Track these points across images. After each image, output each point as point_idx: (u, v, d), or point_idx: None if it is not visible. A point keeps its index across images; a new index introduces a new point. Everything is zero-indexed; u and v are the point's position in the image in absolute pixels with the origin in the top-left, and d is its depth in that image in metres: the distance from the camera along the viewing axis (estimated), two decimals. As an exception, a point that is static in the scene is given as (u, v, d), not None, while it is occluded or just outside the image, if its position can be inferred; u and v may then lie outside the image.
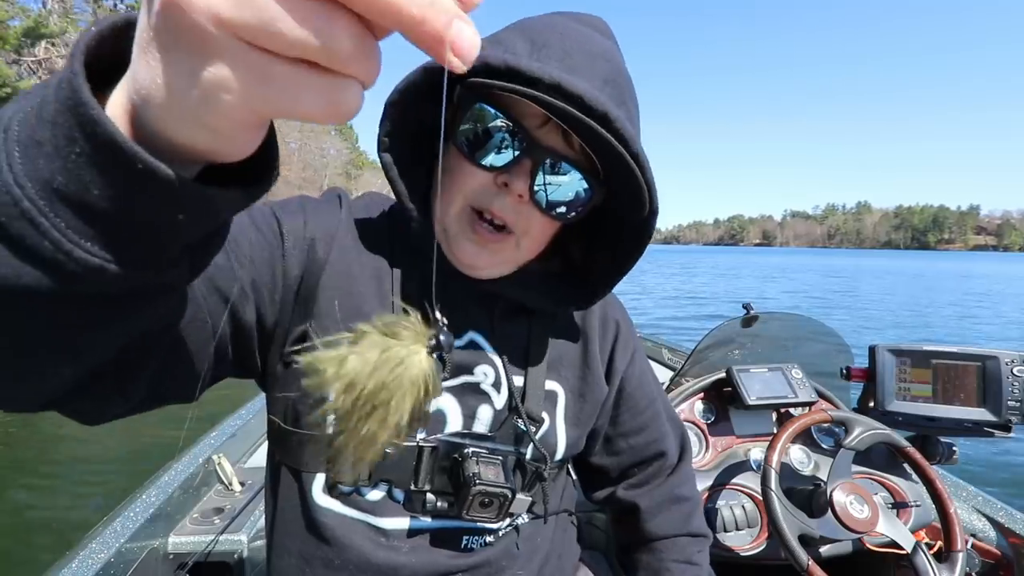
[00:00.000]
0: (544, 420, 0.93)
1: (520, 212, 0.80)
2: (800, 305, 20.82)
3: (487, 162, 0.77)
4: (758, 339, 1.94)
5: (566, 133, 0.76)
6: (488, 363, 0.91)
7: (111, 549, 1.37)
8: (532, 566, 0.97)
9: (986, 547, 1.64)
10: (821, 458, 1.60)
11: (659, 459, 1.13)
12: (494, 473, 0.84)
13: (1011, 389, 1.53)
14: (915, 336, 14.27)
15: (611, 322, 1.07)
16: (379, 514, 0.85)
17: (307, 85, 0.29)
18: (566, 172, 0.79)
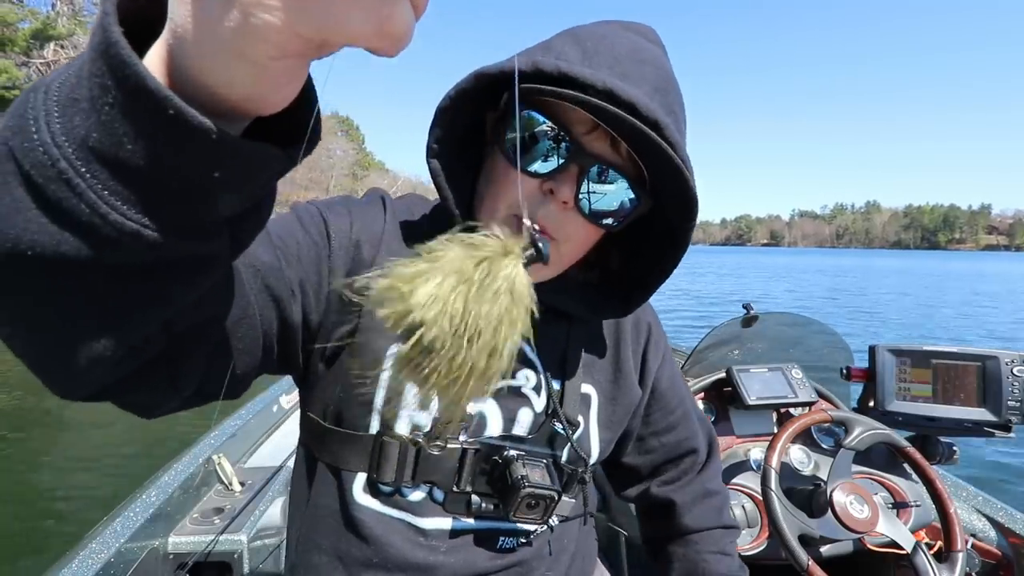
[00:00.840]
0: (580, 423, 0.94)
1: (564, 219, 0.78)
2: (807, 305, 20.77)
3: (533, 168, 0.76)
4: (758, 339, 1.94)
5: (614, 141, 0.76)
6: (530, 367, 0.91)
7: (111, 549, 1.38)
8: (560, 567, 0.98)
9: (986, 547, 1.64)
10: (821, 458, 1.60)
11: (690, 456, 1.15)
12: (540, 475, 0.84)
13: (1011, 389, 1.53)
14: (925, 337, 14.20)
15: (643, 325, 1.07)
16: (419, 514, 0.86)
17: (356, 2, 0.28)
18: (613, 180, 0.78)
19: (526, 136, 0.76)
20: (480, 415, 0.87)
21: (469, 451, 0.85)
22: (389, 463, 0.83)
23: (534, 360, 0.91)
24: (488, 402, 0.88)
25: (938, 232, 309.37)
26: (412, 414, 0.84)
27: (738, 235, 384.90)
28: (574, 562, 1.01)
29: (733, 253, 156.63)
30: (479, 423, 0.87)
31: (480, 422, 0.87)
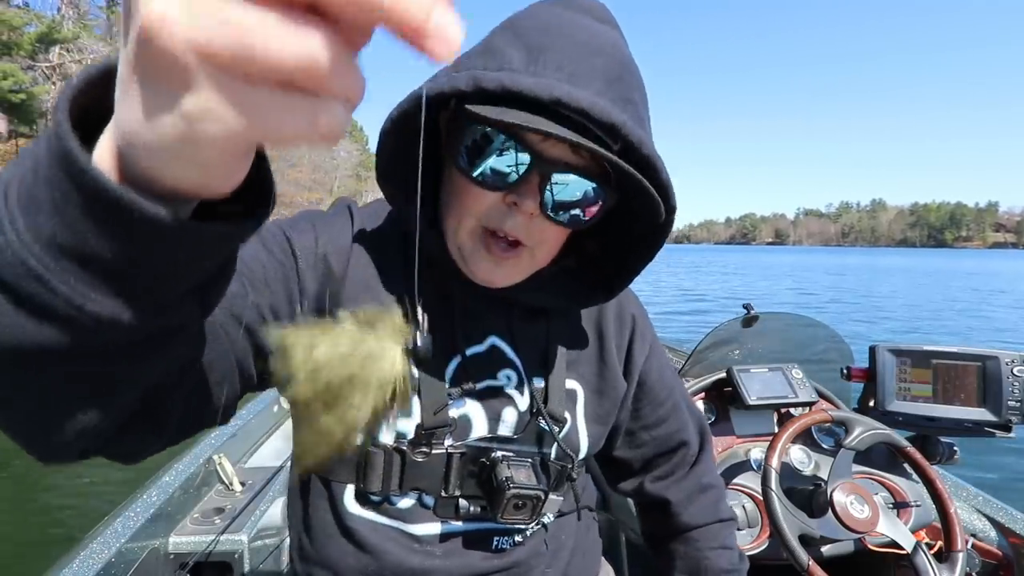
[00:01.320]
0: (567, 419, 0.93)
1: (532, 226, 0.78)
2: (811, 304, 20.71)
3: (493, 182, 0.75)
4: (758, 339, 1.94)
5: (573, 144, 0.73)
6: (510, 366, 0.91)
7: (112, 549, 1.38)
8: (559, 563, 0.98)
9: (986, 547, 1.64)
10: (821, 458, 1.59)
11: (681, 448, 1.12)
12: (526, 476, 0.84)
13: (1011, 389, 1.53)
14: (932, 337, 14.15)
15: (627, 316, 1.05)
16: (411, 521, 0.86)
17: (290, 108, 0.29)
18: (576, 182, 0.75)
19: (481, 150, 0.74)
20: (464, 418, 0.87)
21: (455, 455, 0.85)
22: (375, 473, 0.84)
23: (514, 359, 0.91)
24: (471, 404, 0.88)
25: (945, 230, 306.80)
26: (395, 423, 0.83)
27: (743, 234, 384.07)
28: (573, 559, 1.01)
29: (737, 252, 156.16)
30: (464, 426, 0.87)
31: (465, 425, 0.87)
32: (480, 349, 0.89)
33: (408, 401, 0.59)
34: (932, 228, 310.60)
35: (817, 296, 25.14)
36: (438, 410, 0.84)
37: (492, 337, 0.91)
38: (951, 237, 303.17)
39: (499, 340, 0.91)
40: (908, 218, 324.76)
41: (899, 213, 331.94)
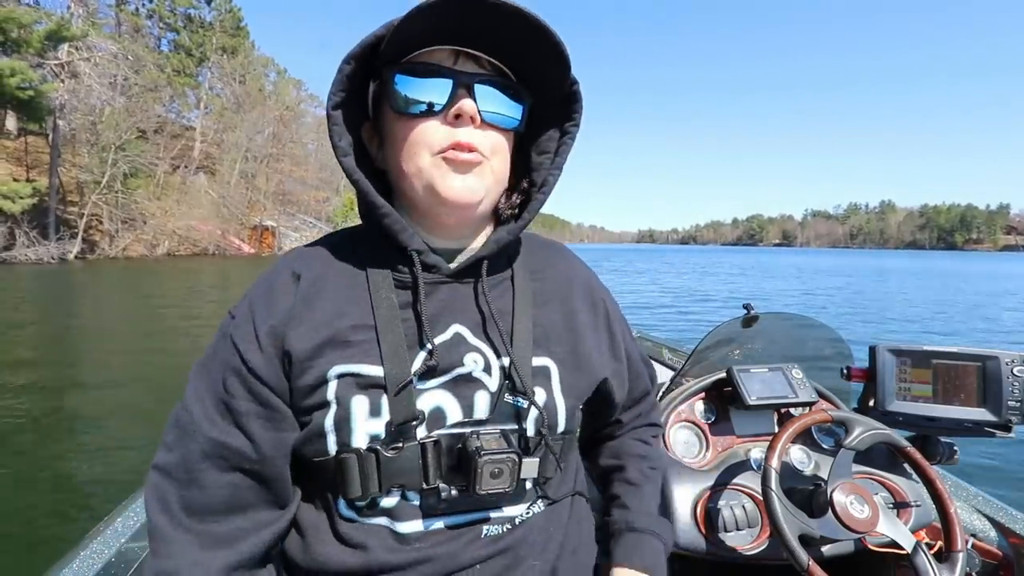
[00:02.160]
0: (538, 393, 0.95)
1: (483, 136, 0.89)
2: (819, 307, 20.64)
3: (430, 106, 0.88)
4: (758, 339, 1.94)
5: (476, 61, 0.90)
6: (475, 350, 0.94)
7: (112, 549, 1.39)
8: (548, 555, 0.98)
9: (986, 547, 1.63)
10: (821, 458, 1.60)
11: (645, 397, 1.28)
12: (496, 443, 0.87)
13: (1011, 389, 1.53)
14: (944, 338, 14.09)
15: (599, 301, 1.14)
16: (397, 519, 0.88)
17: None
18: (495, 89, 0.90)
19: (411, 90, 0.88)
20: (437, 408, 0.90)
21: (428, 445, 0.88)
22: (352, 478, 0.86)
23: (478, 344, 0.95)
24: (441, 393, 0.91)
25: (955, 232, 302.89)
26: (366, 425, 0.86)
27: (750, 235, 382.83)
28: (563, 553, 1.01)
29: (744, 253, 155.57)
30: (437, 416, 0.90)
31: (438, 415, 0.90)
32: (445, 338, 0.93)
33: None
34: (942, 230, 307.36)
35: (826, 297, 25.03)
36: (406, 402, 0.87)
37: (455, 325, 0.95)
38: (961, 239, 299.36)
39: (462, 327, 0.95)
40: (917, 220, 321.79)
41: (908, 215, 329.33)
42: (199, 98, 60.69)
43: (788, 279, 37.55)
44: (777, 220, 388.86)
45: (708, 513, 1.47)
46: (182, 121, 58.45)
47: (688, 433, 1.68)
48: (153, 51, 55.15)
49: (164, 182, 48.60)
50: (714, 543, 1.44)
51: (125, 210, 41.89)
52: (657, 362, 3.39)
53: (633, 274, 41.31)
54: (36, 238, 33.77)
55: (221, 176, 54.54)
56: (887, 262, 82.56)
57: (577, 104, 0.97)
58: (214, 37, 61.81)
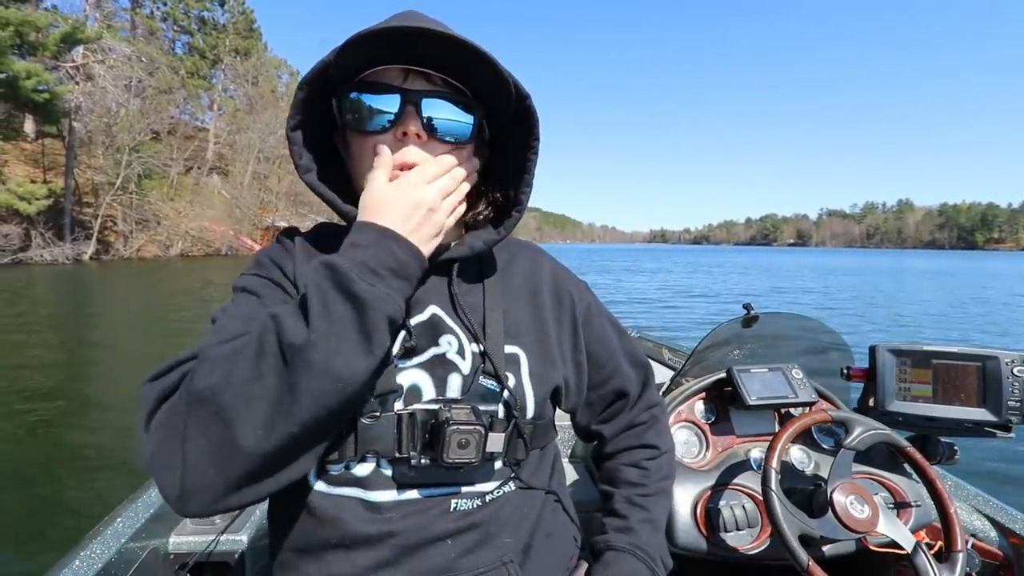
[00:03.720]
0: (509, 378, 0.99)
1: (427, 151, 0.94)
2: (828, 307, 20.51)
3: (379, 124, 0.93)
4: (758, 339, 1.94)
5: (426, 77, 0.94)
6: (450, 332, 0.99)
7: (112, 549, 1.39)
8: (521, 534, 1.00)
9: (987, 547, 1.63)
10: (821, 458, 1.60)
11: (623, 398, 1.25)
12: (465, 415, 0.90)
13: (1011, 389, 1.52)
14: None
15: (565, 295, 1.17)
16: (370, 487, 0.90)
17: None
18: (444, 101, 0.94)
19: (362, 109, 0.93)
20: (413, 386, 0.94)
21: (403, 416, 0.91)
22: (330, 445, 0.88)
23: (454, 326, 1.00)
24: (418, 372, 0.95)
25: (975, 231, 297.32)
26: None
27: (764, 235, 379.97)
28: (536, 534, 1.04)
29: (757, 253, 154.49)
30: (413, 393, 0.94)
31: (414, 392, 0.94)
32: (422, 318, 0.99)
33: None
34: (962, 229, 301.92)
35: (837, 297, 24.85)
36: (384, 375, 0.90)
37: (432, 306, 1.01)
38: (982, 239, 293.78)
39: (438, 308, 1.01)
40: (937, 219, 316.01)
41: (927, 214, 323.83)
42: (212, 100, 61.12)
43: (799, 279, 37.25)
44: (791, 219, 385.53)
45: (708, 513, 1.48)
46: (196, 123, 58.86)
47: (688, 433, 1.69)
48: (167, 54, 55.57)
49: (177, 183, 48.96)
50: (714, 543, 1.45)
51: (139, 211, 42.22)
52: (657, 362, 3.38)
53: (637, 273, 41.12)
54: (52, 239, 34.12)
55: (234, 177, 54.86)
56: (906, 262, 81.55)
57: (533, 119, 1.00)
58: (227, 39, 62.22)
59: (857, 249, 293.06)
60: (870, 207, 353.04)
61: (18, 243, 32.16)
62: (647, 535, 1.14)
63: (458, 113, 0.95)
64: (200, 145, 55.34)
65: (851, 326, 14.13)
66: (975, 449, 5.03)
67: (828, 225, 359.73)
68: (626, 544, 1.12)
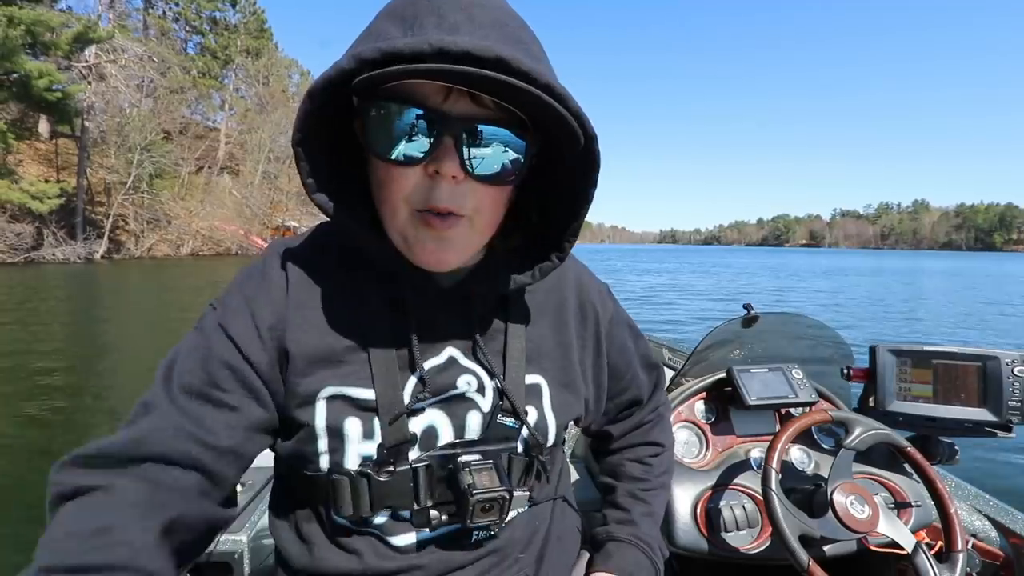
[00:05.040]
0: (530, 412, 0.94)
1: (463, 192, 0.77)
2: (835, 306, 20.37)
3: (407, 156, 0.75)
4: (758, 339, 1.93)
5: (473, 96, 0.73)
6: (469, 372, 0.92)
7: None
8: (533, 548, 1.00)
9: (987, 547, 1.62)
10: (822, 458, 1.60)
11: (636, 405, 1.23)
12: (488, 479, 0.85)
13: (1012, 389, 1.52)
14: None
15: (589, 309, 1.09)
16: (389, 533, 0.89)
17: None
18: (491, 134, 0.75)
19: (387, 130, 0.74)
20: (429, 429, 0.89)
21: (419, 469, 0.87)
22: (344, 499, 0.86)
23: (472, 367, 0.92)
24: (434, 413, 0.89)
25: (994, 232, 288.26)
26: (358, 447, 0.85)
27: (775, 235, 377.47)
28: (549, 543, 1.03)
29: (769, 253, 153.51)
30: (430, 436, 0.89)
31: (430, 435, 0.89)
32: (438, 361, 0.91)
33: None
34: (979, 230, 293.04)
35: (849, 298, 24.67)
36: (398, 426, 0.85)
37: (449, 347, 0.92)
38: (1000, 240, 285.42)
39: (456, 350, 0.92)
40: (953, 220, 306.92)
41: (943, 214, 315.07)
42: (224, 100, 61.43)
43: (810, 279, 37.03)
44: (804, 220, 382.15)
45: (708, 513, 1.48)
46: (207, 123, 59.18)
47: (688, 433, 1.69)
48: (179, 54, 55.92)
49: (188, 183, 49.24)
50: (714, 543, 1.45)
51: (150, 210, 42.57)
52: None
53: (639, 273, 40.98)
54: (63, 238, 34.44)
55: (244, 177, 55.15)
56: (922, 263, 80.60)
57: (595, 164, 0.81)
58: (239, 39, 62.45)
59: (871, 250, 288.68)
60: (884, 208, 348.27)
61: (31, 242, 32.47)
62: (647, 527, 1.14)
63: (506, 148, 0.77)
64: (211, 145, 55.65)
65: (856, 326, 14.09)
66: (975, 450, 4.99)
67: (841, 226, 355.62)
68: (628, 535, 1.11)
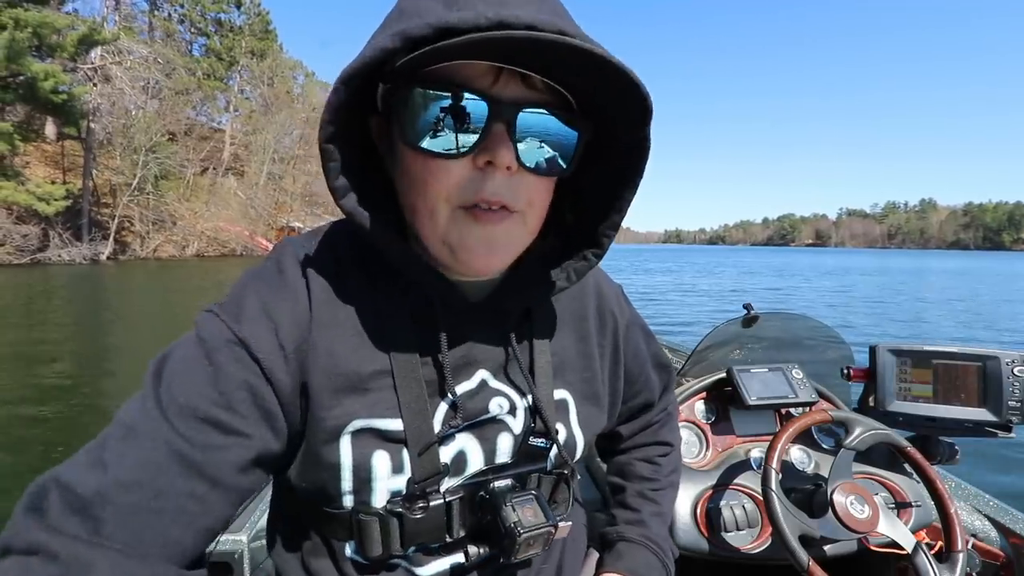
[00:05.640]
0: (560, 431, 0.91)
1: (517, 185, 0.71)
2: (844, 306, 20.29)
3: (456, 147, 0.67)
4: (758, 339, 1.94)
5: (523, 78, 0.67)
6: (500, 394, 0.87)
7: None
8: (553, 556, 0.99)
9: (987, 547, 1.62)
10: (822, 458, 1.60)
11: (647, 407, 1.20)
12: (532, 513, 0.81)
13: (1012, 389, 1.52)
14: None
15: (607, 316, 1.04)
16: (417, 564, 0.84)
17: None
18: (544, 121, 0.69)
19: (431, 117, 0.67)
20: (459, 455, 0.83)
21: (454, 503, 0.82)
22: (371, 539, 0.79)
23: (505, 389, 0.87)
24: (465, 439, 0.84)
25: (1002, 231, 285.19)
26: (387, 483, 0.78)
27: (781, 235, 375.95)
28: (566, 549, 1.02)
29: (774, 253, 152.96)
30: (460, 462, 0.83)
31: (460, 462, 0.83)
32: (471, 386, 0.85)
33: None
34: (988, 229, 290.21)
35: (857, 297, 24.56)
36: (429, 457, 0.79)
37: (481, 371, 0.86)
38: (1009, 239, 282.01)
39: (488, 373, 0.87)
40: (961, 219, 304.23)
41: (951, 213, 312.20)
42: (228, 101, 61.58)
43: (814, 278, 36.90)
44: (810, 219, 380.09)
45: (708, 513, 1.48)
46: (212, 124, 59.35)
47: (688, 433, 1.69)
48: (184, 55, 56.07)
49: (193, 184, 49.42)
50: (715, 543, 1.45)
51: (156, 212, 42.72)
52: None
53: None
54: (69, 239, 34.54)
55: (249, 178, 55.25)
56: (929, 263, 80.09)
57: (645, 152, 0.75)
58: (243, 41, 62.58)
59: (878, 249, 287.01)
60: (891, 207, 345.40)
61: (36, 243, 32.58)
62: (657, 528, 1.12)
63: (558, 138, 0.71)
64: (216, 146, 55.79)
65: (861, 326, 14.05)
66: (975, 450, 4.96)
67: (848, 225, 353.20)
68: (639, 536, 1.09)
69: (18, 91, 30.96)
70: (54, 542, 0.59)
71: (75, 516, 0.61)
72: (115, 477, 0.63)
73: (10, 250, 31.20)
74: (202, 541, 0.69)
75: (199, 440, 0.67)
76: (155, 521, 0.64)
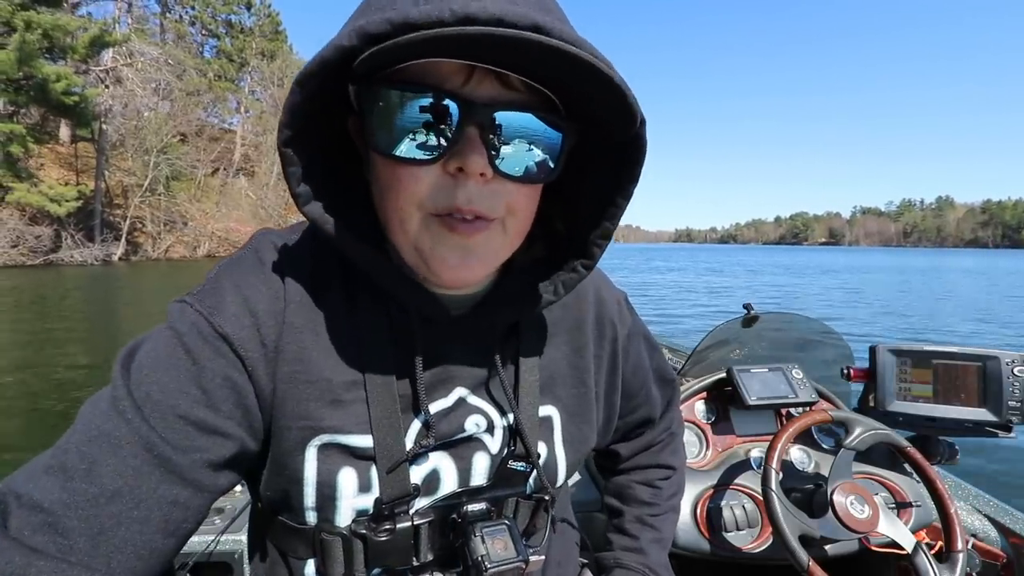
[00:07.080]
0: (541, 451, 0.84)
1: (492, 193, 0.65)
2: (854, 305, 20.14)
3: (424, 153, 0.62)
4: (758, 339, 1.94)
5: (499, 76, 0.61)
6: (478, 412, 0.81)
7: None
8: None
9: (987, 547, 1.61)
10: (822, 458, 1.60)
11: (646, 424, 1.14)
12: (503, 546, 0.75)
13: (1011, 389, 1.52)
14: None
15: (607, 324, 0.97)
16: None
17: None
18: (522, 122, 0.63)
19: (398, 120, 0.61)
20: (432, 474, 0.78)
21: (422, 526, 0.76)
22: (334, 559, 0.74)
23: (480, 405, 0.82)
24: (438, 458, 0.78)
25: (1022, 229, 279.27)
26: (353, 501, 0.73)
27: (794, 233, 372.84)
28: (548, 568, 0.95)
29: (786, 252, 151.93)
30: (432, 482, 0.78)
31: (433, 482, 0.78)
32: (446, 404, 0.79)
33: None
34: (1007, 227, 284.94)
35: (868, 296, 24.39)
36: (398, 477, 0.74)
37: (458, 388, 0.81)
38: None
39: (466, 390, 0.81)
40: (979, 216, 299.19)
41: (969, 211, 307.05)
42: (239, 102, 61.84)
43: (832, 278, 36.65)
44: (823, 218, 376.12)
45: (709, 513, 1.48)
46: (223, 125, 59.62)
47: (688, 433, 1.69)
48: (195, 57, 56.36)
49: (204, 184, 49.66)
50: (715, 543, 1.46)
51: (167, 212, 42.92)
52: None
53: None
54: (81, 240, 34.79)
55: (259, 178, 55.47)
56: (946, 261, 79.14)
57: (640, 154, 0.69)
58: (254, 42, 62.78)
59: (893, 248, 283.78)
60: (907, 204, 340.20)
61: (49, 244, 32.83)
62: (656, 555, 1.08)
63: (539, 142, 0.65)
64: (227, 147, 56.01)
65: (865, 327, 13.98)
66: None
67: (862, 223, 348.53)
68: (637, 564, 1.06)
69: (30, 93, 31.19)
70: (17, 560, 0.55)
71: (41, 531, 0.57)
72: (86, 486, 0.59)
73: (24, 251, 31.46)
74: (180, 548, 0.67)
75: (180, 441, 0.63)
76: (136, 533, 0.60)
